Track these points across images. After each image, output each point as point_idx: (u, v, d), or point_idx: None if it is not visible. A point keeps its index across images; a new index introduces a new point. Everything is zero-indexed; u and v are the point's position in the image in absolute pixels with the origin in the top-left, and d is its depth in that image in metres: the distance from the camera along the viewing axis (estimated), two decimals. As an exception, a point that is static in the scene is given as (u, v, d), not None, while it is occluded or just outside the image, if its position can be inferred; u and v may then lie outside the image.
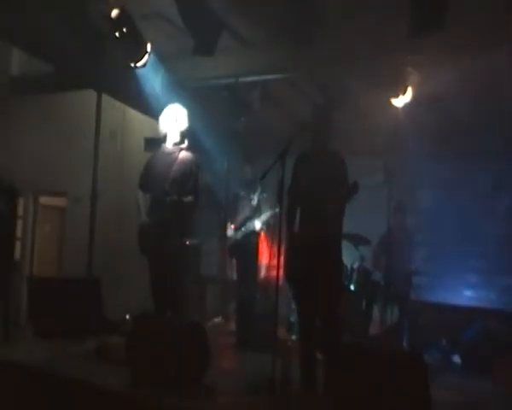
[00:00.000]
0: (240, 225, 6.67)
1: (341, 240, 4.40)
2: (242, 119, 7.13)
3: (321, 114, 4.37)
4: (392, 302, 5.91)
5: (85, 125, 7.10)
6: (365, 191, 4.05)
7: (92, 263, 6.56)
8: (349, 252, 6.69)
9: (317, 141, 4.36)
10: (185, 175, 4.97)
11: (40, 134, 7.86)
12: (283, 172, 4.02)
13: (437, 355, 5.97)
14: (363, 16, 4.91)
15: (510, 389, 4.91)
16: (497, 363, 5.27)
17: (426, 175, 7.02)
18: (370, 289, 6.01)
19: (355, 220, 5.45)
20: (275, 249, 4.20)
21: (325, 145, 4.35)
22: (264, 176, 4.12)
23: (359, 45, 5.19)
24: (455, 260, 6.89)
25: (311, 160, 4.36)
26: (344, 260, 4.87)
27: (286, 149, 4.05)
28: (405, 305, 6.11)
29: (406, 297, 6.16)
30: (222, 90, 6.85)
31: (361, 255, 6.15)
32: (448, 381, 5.22)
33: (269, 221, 6.51)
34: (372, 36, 5.05)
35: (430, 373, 3.37)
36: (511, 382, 5.06)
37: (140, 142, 8.26)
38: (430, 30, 4.32)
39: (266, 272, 7.33)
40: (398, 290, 5.98)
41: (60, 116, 8.01)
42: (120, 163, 8.19)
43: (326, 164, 4.24)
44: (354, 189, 3.92)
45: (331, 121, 4.38)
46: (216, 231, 7.18)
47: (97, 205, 6.67)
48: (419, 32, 4.33)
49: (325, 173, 4.20)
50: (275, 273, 4.09)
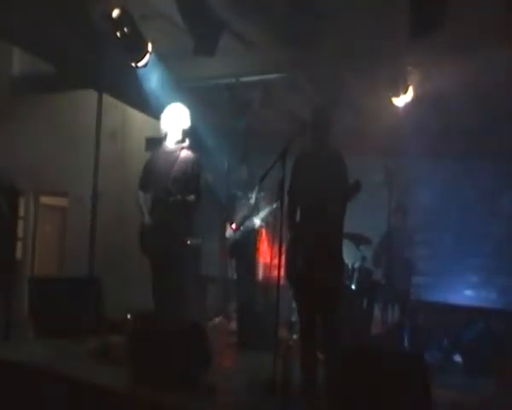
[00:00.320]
0: (239, 225, 6.67)
1: (342, 239, 4.40)
2: (242, 118, 7.13)
3: (320, 114, 4.37)
4: (392, 302, 5.91)
5: (86, 124, 7.10)
6: (366, 191, 4.04)
7: (93, 263, 6.57)
8: (350, 251, 6.70)
9: (317, 141, 4.36)
10: (187, 174, 4.96)
11: (41, 134, 7.86)
12: (284, 171, 4.03)
13: (437, 355, 5.96)
14: (363, 16, 4.90)
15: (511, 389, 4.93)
16: (498, 363, 5.27)
17: (426, 175, 7.01)
18: (371, 288, 6.01)
19: (356, 220, 5.45)
20: (275, 249, 4.20)
21: (325, 145, 4.35)
22: (264, 176, 4.14)
23: (360, 45, 5.18)
24: (455, 259, 6.89)
25: (311, 160, 4.36)
26: (345, 259, 4.88)
27: (286, 149, 4.07)
28: (406, 305, 6.11)
29: (407, 297, 6.16)
30: (222, 90, 6.85)
31: (362, 255, 6.14)
32: (449, 381, 5.22)
33: (268, 219, 6.51)
34: (373, 36, 5.05)
35: (431, 373, 3.36)
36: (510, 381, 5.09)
37: (141, 141, 8.27)
38: (430, 30, 4.32)
39: (267, 272, 7.33)
40: (398, 290, 5.98)
41: (61, 116, 8.01)
42: (121, 163, 8.18)
43: (325, 164, 4.24)
44: (356, 188, 3.92)
45: (330, 121, 4.39)
46: (216, 231, 7.18)
47: (98, 205, 6.67)
48: (419, 32, 4.33)
49: (325, 173, 4.19)
50: (275, 273, 4.10)
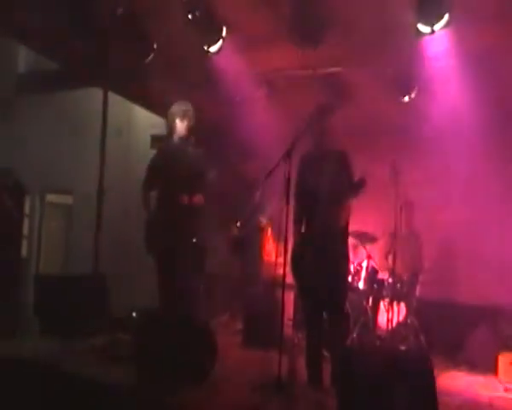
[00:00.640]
0: (244, 223, 6.67)
1: (347, 237, 4.40)
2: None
3: (324, 113, 4.36)
4: (398, 301, 5.89)
5: (91, 122, 7.12)
6: (372, 189, 4.03)
7: (98, 260, 6.59)
8: (356, 250, 6.69)
9: (321, 140, 4.36)
10: (193, 171, 4.95)
11: (46, 132, 7.89)
12: (290, 170, 4.02)
13: (443, 353, 5.95)
14: (368, 15, 4.88)
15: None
16: (503, 361, 5.25)
17: (433, 172, 6.97)
18: (377, 287, 6.00)
19: (362, 218, 5.44)
20: (281, 247, 4.20)
21: (329, 144, 4.35)
22: (269, 174, 4.13)
23: (366, 44, 5.16)
24: (462, 258, 6.85)
25: (316, 159, 4.36)
26: (351, 257, 4.87)
27: (291, 148, 4.06)
28: (412, 303, 6.09)
29: (413, 295, 6.14)
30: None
31: (368, 253, 6.13)
32: (454, 380, 5.20)
33: (272, 218, 6.51)
34: (378, 35, 5.03)
35: (436, 372, 3.36)
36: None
37: (146, 139, 8.28)
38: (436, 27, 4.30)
39: (272, 270, 7.32)
40: (404, 288, 5.96)
41: (66, 114, 8.04)
42: (126, 161, 8.20)
43: (330, 162, 4.24)
44: (361, 184, 3.92)
45: (334, 120, 4.38)
46: (222, 229, 7.18)
47: (103, 202, 6.68)
48: (425, 31, 4.32)
49: (330, 172, 4.20)
50: (281, 270, 4.10)
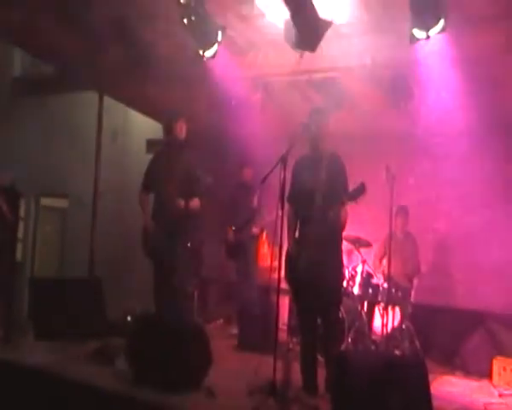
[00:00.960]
0: (240, 228, 6.67)
1: (341, 241, 4.39)
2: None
3: (319, 117, 4.37)
4: (393, 305, 5.90)
5: (87, 126, 7.11)
6: (367, 193, 4.04)
7: (93, 264, 6.57)
8: (351, 255, 6.69)
9: (316, 144, 4.37)
10: (190, 176, 4.97)
11: (42, 135, 7.88)
12: (285, 174, 4.03)
13: (438, 358, 5.97)
14: (364, 20, 4.90)
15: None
16: (497, 366, 5.27)
17: (428, 176, 6.98)
18: (372, 291, 6.01)
19: (357, 223, 5.45)
20: (275, 251, 4.20)
21: (324, 148, 4.36)
22: (265, 179, 4.13)
23: (360, 49, 5.18)
24: (457, 262, 6.87)
25: (310, 163, 4.37)
26: (346, 262, 4.87)
27: (287, 152, 4.07)
28: (407, 308, 6.10)
29: (408, 300, 6.15)
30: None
31: (363, 258, 6.14)
32: (449, 385, 5.21)
33: (268, 223, 6.51)
34: (372, 40, 5.05)
35: (431, 377, 3.36)
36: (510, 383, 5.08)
37: (141, 143, 8.28)
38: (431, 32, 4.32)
39: (267, 274, 7.33)
40: (399, 293, 5.97)
41: (61, 117, 8.03)
42: (121, 164, 8.20)
43: (325, 166, 4.25)
44: (361, 190, 3.92)
45: (329, 124, 4.39)
46: (217, 234, 7.18)
47: (98, 206, 6.68)
48: (420, 36, 4.33)
49: (323, 175, 4.21)
50: (276, 275, 4.10)
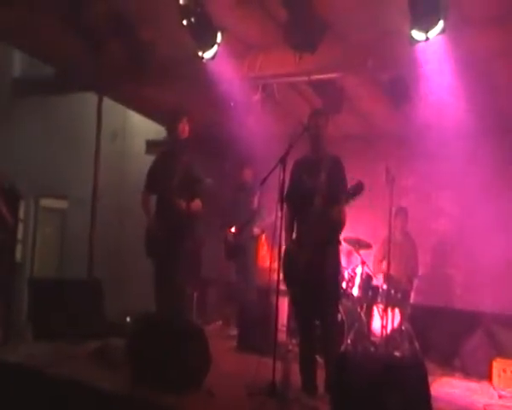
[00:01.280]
0: (240, 229, 6.67)
1: (339, 242, 4.38)
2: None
3: (318, 118, 4.38)
4: (393, 307, 5.90)
5: (86, 127, 7.11)
6: (366, 195, 4.04)
7: (92, 265, 6.57)
8: (351, 256, 6.70)
9: (316, 145, 4.38)
10: (191, 177, 4.98)
11: (41, 136, 7.86)
12: (284, 176, 4.03)
13: (437, 359, 5.97)
14: (365, 21, 4.90)
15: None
16: (497, 368, 5.27)
17: (428, 177, 7.00)
18: (371, 293, 6.01)
19: (356, 224, 5.46)
20: (275, 253, 4.20)
21: (323, 149, 4.36)
22: (264, 180, 4.13)
23: (361, 50, 5.18)
24: (456, 264, 6.88)
25: (310, 164, 4.37)
26: (345, 264, 4.87)
27: (287, 153, 4.07)
28: (406, 309, 6.10)
29: (407, 302, 6.15)
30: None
31: (362, 260, 6.14)
32: (448, 386, 5.21)
33: (268, 225, 6.51)
34: (374, 41, 5.06)
35: (430, 378, 3.36)
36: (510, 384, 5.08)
37: (141, 144, 8.29)
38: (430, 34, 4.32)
39: (266, 276, 7.33)
40: (399, 295, 5.97)
41: (61, 118, 8.02)
42: (121, 165, 8.20)
43: (324, 168, 4.24)
44: (359, 188, 3.91)
45: (328, 125, 4.40)
46: (217, 235, 7.18)
47: (98, 207, 6.67)
48: (420, 38, 4.33)
49: (323, 177, 4.20)
50: (275, 277, 4.10)
